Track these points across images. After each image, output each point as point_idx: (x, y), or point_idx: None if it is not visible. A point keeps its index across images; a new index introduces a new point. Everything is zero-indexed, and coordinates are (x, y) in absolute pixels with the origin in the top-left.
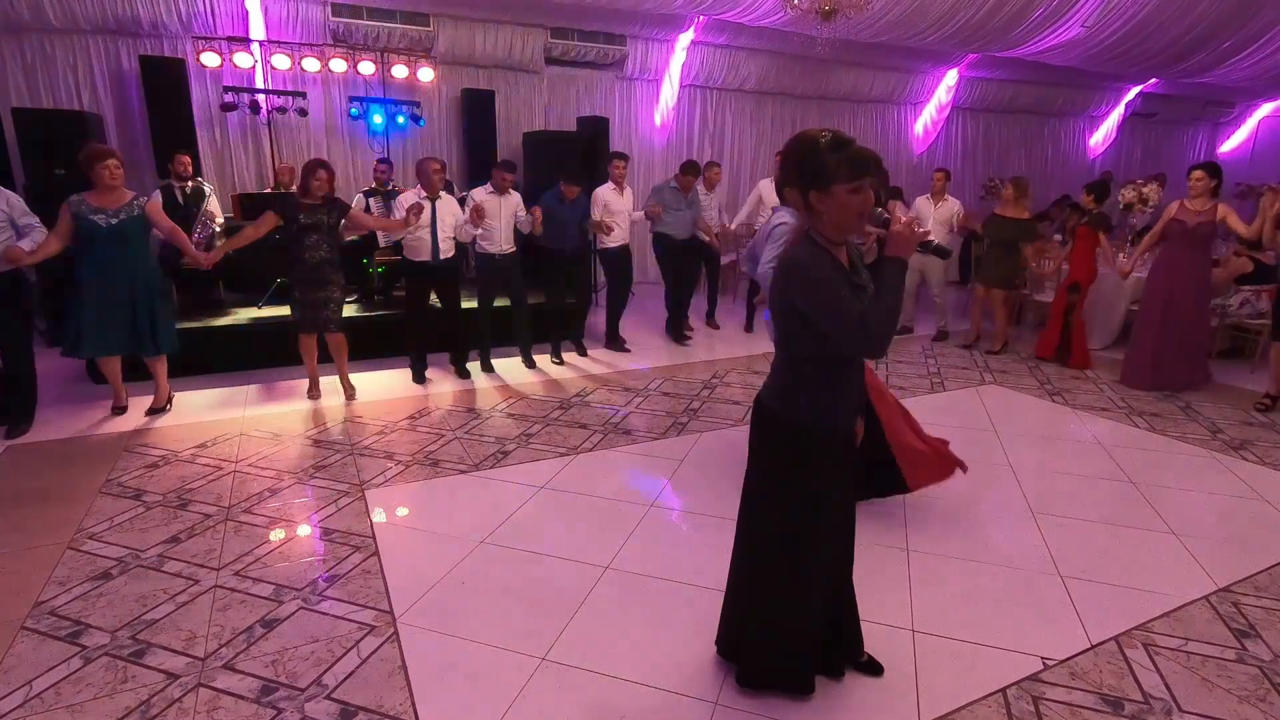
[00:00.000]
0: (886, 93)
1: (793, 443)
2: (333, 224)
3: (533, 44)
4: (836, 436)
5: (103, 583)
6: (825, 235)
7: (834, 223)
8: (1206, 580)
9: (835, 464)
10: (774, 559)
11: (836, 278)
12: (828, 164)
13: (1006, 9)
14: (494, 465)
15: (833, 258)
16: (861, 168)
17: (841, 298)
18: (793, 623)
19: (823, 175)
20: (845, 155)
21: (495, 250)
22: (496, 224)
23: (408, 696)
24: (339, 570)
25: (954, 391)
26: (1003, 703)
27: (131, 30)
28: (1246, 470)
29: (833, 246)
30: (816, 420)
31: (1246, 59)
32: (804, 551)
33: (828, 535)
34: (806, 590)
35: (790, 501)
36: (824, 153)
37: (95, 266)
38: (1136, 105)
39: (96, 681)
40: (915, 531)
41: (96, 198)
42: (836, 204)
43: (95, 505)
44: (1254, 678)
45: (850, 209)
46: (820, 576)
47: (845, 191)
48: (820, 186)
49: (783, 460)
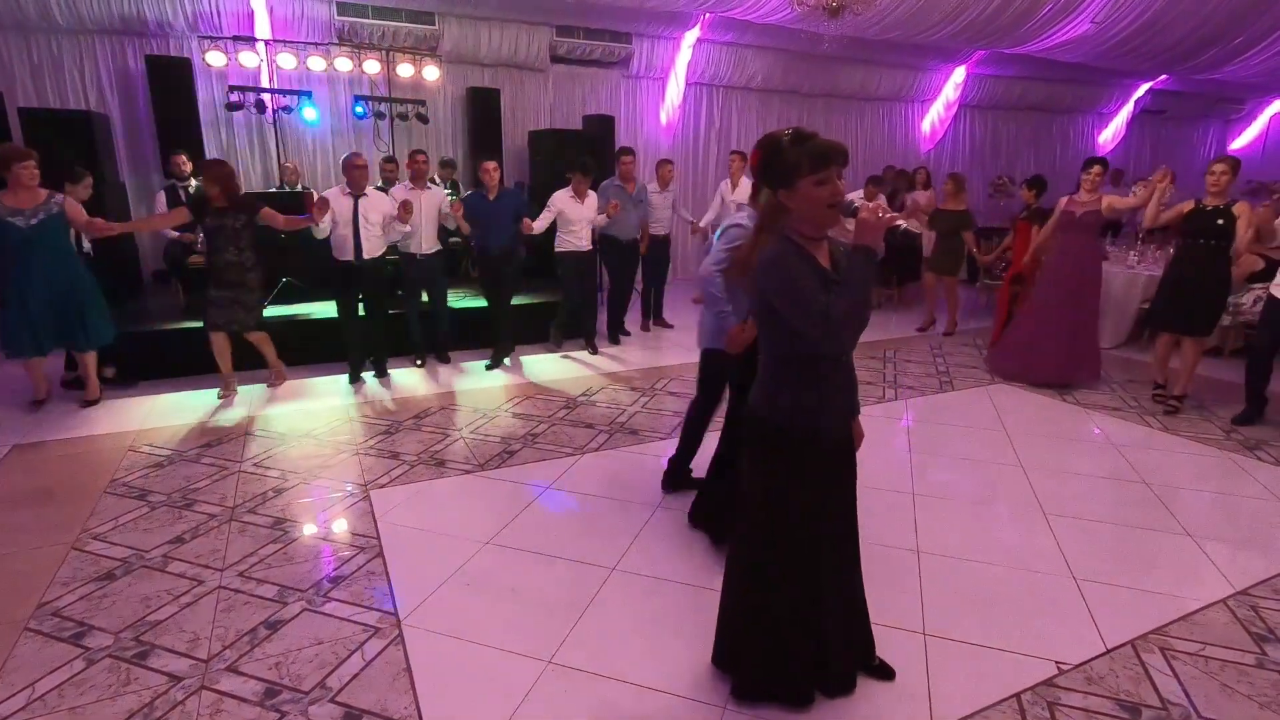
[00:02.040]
0: (894, 90)
1: (777, 445)
2: (239, 227)
3: (538, 42)
4: (822, 439)
5: (106, 583)
6: (802, 233)
7: (806, 217)
8: (1224, 583)
9: (821, 467)
10: (762, 566)
11: (804, 272)
12: (790, 159)
13: (1015, 5)
14: (500, 465)
15: (808, 255)
16: (823, 159)
17: (804, 289)
18: (785, 632)
19: (788, 171)
20: (806, 149)
21: (416, 250)
22: (417, 221)
23: (412, 700)
24: (343, 571)
25: (963, 391)
26: (1017, 708)
27: (138, 30)
28: (1262, 471)
29: (810, 244)
30: (799, 422)
31: (1258, 55)
32: (791, 558)
33: (818, 541)
34: (796, 599)
35: (776, 506)
36: (786, 150)
37: (19, 267)
38: (1146, 102)
39: (99, 683)
40: (925, 533)
41: (12, 198)
42: (804, 198)
43: (100, 505)
44: (1274, 683)
45: (818, 201)
46: (811, 585)
47: (810, 184)
48: (787, 184)
49: (768, 464)
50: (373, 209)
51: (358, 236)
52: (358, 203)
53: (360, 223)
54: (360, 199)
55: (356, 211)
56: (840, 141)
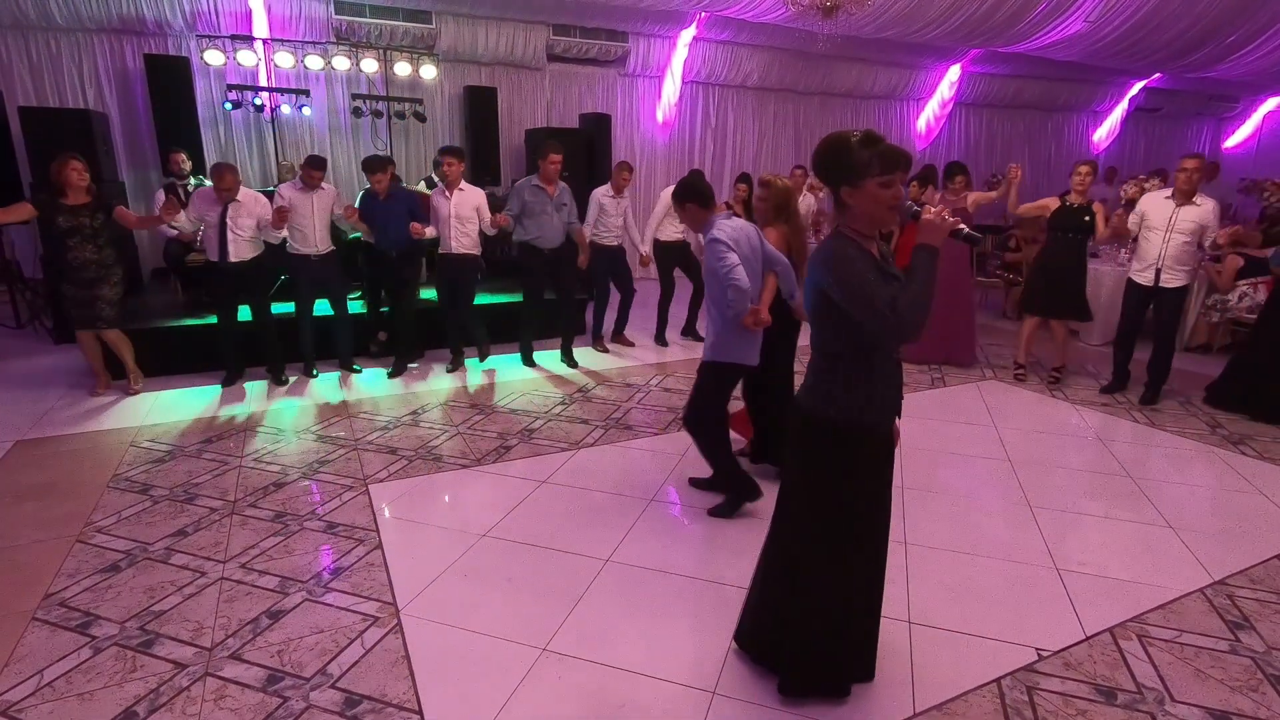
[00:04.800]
0: (889, 88)
1: (829, 441)
2: (97, 225)
3: (535, 41)
4: (873, 434)
5: (111, 575)
6: (856, 229)
7: (866, 215)
8: (1202, 573)
9: (871, 462)
10: (811, 562)
11: (868, 266)
12: (860, 160)
13: (1009, 4)
14: (496, 460)
15: (865, 249)
16: (892, 163)
17: (872, 283)
18: (831, 628)
19: (857, 170)
20: (877, 151)
21: (309, 251)
22: (309, 223)
23: (411, 685)
24: (343, 563)
25: (954, 387)
26: (997, 693)
27: (136, 29)
28: (1245, 464)
29: (864, 240)
30: (851, 417)
31: (1251, 53)
32: (841, 554)
33: (865, 537)
34: (844, 595)
35: (827, 502)
36: (856, 150)
37: None
38: (1140, 100)
39: (106, 671)
40: (914, 525)
41: None
42: (868, 197)
43: (103, 500)
44: (1246, 668)
45: (882, 202)
46: (858, 581)
47: (876, 185)
48: (852, 182)
49: (819, 460)
50: (243, 212)
51: (224, 238)
52: (227, 207)
53: (228, 226)
54: (231, 204)
55: (224, 213)
56: (907, 149)
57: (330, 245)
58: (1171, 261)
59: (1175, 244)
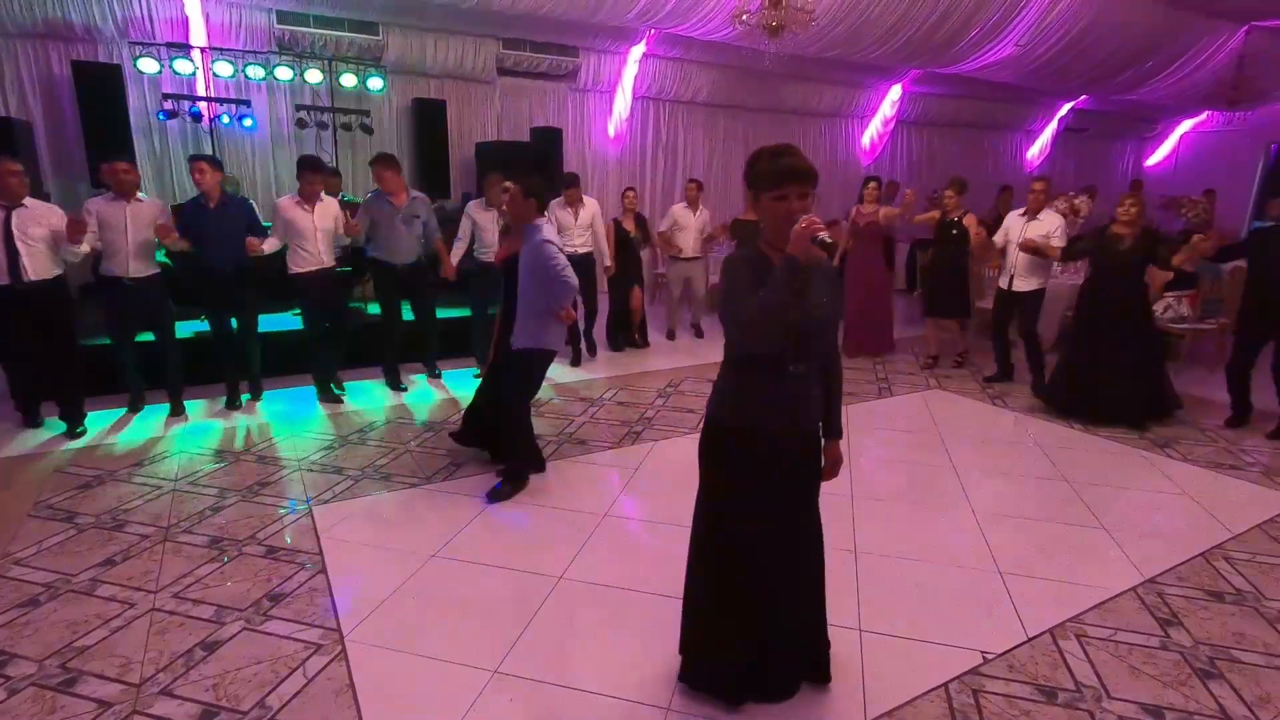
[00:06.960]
0: (834, 106)
1: (718, 440)
2: None
3: (485, 54)
4: (759, 438)
5: (30, 610)
6: (766, 240)
7: (768, 225)
8: (1134, 572)
9: (759, 466)
10: (699, 559)
11: (746, 274)
12: (758, 171)
13: (946, 28)
14: (446, 478)
15: (761, 258)
16: (781, 177)
17: (733, 290)
18: (719, 626)
19: (755, 181)
20: (774, 165)
21: (121, 274)
22: (120, 239)
23: (355, 715)
24: (284, 589)
25: (901, 396)
26: (945, 697)
27: (63, 35)
28: (1170, 466)
29: (773, 253)
30: (738, 419)
31: (1167, 78)
32: (724, 553)
33: (754, 541)
34: (726, 595)
35: (714, 500)
36: (761, 160)
37: None
38: (1069, 120)
39: (22, 714)
40: (862, 533)
41: None
42: (764, 208)
43: (22, 529)
44: (1176, 663)
45: (775, 214)
46: (747, 584)
47: (770, 199)
48: (754, 192)
49: (710, 459)
50: (32, 222)
51: (14, 254)
52: (10, 215)
53: (15, 237)
54: (16, 210)
55: (9, 224)
56: (810, 166)
57: (153, 268)
58: (1022, 269)
59: (1024, 254)
